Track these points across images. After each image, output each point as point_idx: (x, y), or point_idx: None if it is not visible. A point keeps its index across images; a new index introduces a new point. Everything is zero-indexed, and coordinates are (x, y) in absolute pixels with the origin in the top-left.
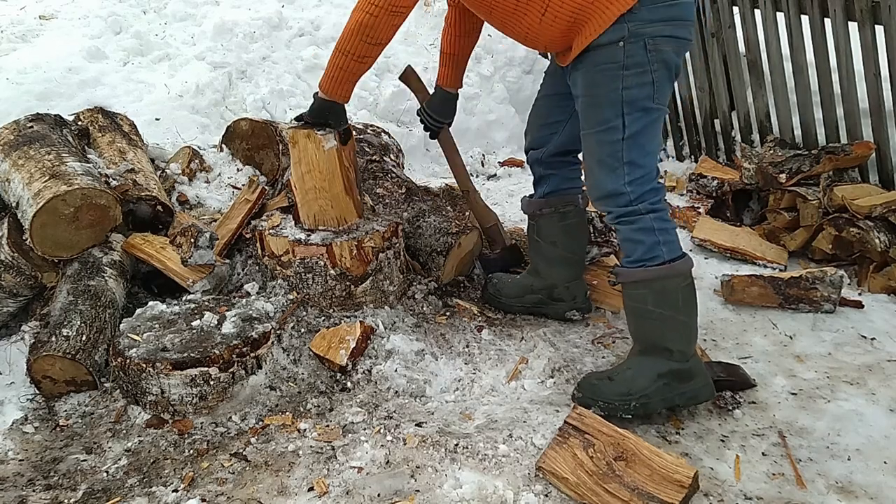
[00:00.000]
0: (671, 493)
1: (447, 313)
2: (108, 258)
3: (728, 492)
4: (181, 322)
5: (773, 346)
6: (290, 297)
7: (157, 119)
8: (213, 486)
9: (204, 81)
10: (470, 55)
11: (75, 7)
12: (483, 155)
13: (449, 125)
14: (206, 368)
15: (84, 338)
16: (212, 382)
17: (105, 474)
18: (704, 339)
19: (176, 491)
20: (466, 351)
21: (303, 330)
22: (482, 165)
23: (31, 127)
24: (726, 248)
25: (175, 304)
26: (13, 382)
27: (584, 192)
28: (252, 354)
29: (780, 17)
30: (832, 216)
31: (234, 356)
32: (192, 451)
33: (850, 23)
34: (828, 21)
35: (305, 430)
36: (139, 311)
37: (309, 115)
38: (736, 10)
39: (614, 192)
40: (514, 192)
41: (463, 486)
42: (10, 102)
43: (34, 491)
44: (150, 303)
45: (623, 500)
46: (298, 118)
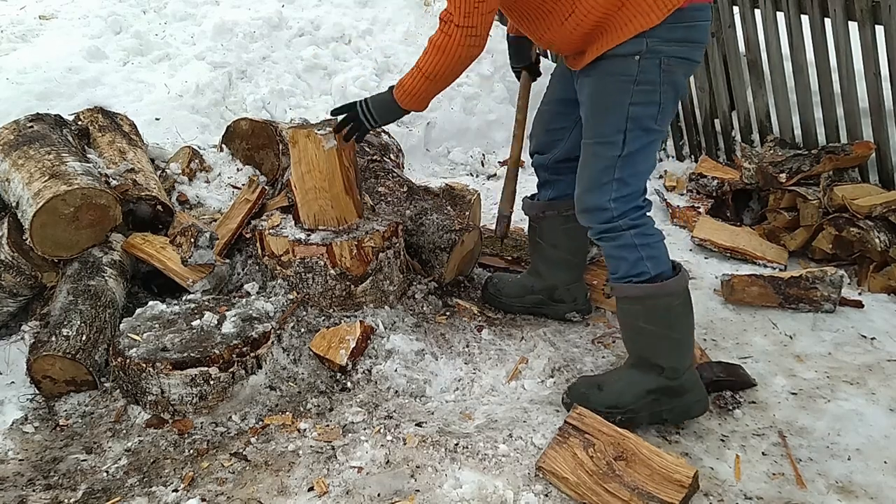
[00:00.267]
0: (671, 493)
1: (447, 313)
2: (108, 258)
3: (728, 492)
4: (181, 322)
5: (773, 346)
6: (290, 297)
7: (157, 119)
8: (213, 485)
9: (204, 81)
10: None
11: (75, 7)
12: (483, 155)
13: (526, 68)
14: (206, 368)
15: (84, 338)
16: (212, 382)
17: (105, 474)
18: (704, 339)
19: (176, 491)
20: (466, 351)
21: (303, 330)
22: (482, 165)
23: (31, 127)
24: (726, 247)
25: (175, 304)
26: (13, 382)
27: None
28: (252, 354)
29: (780, 16)
30: (832, 216)
31: (234, 356)
32: (192, 451)
33: (850, 22)
34: (828, 21)
35: (305, 429)
36: (139, 310)
37: (378, 116)
38: (736, 9)
39: (598, 207)
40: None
41: (463, 485)
42: (10, 102)
43: (34, 491)
44: (150, 303)
45: (623, 499)
46: (340, 110)
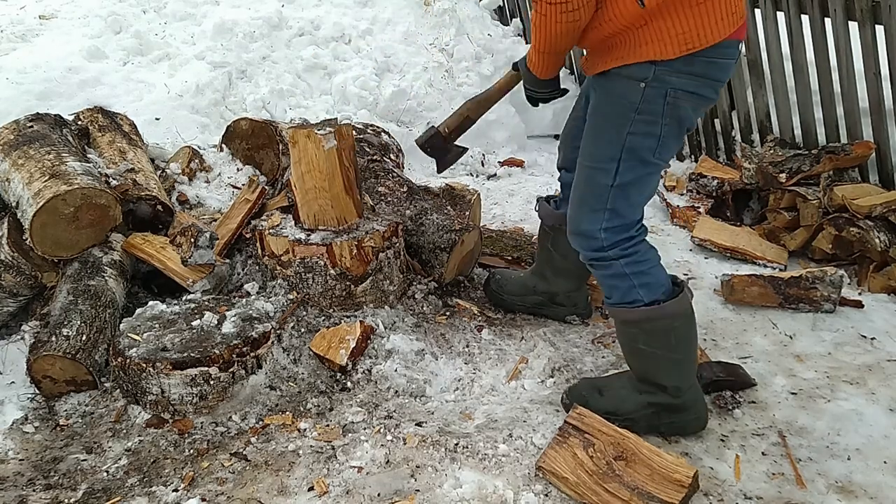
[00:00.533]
0: (671, 493)
1: (447, 313)
2: (108, 258)
3: (728, 491)
4: (181, 322)
5: (773, 346)
6: (290, 297)
7: (157, 119)
8: (213, 485)
9: (204, 81)
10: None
11: (75, 7)
12: (483, 155)
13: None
14: (206, 368)
15: (84, 337)
16: (212, 382)
17: (105, 474)
18: (704, 339)
19: (176, 490)
20: (466, 351)
21: (303, 330)
22: (482, 165)
23: (31, 127)
24: (726, 247)
25: (175, 304)
26: (13, 382)
27: None
28: (252, 354)
29: (780, 16)
30: (832, 216)
31: (234, 356)
32: (192, 451)
33: (850, 22)
34: (828, 20)
35: (305, 429)
36: (139, 310)
37: (533, 87)
38: None
39: (588, 233)
40: (514, 191)
41: (463, 485)
42: (10, 102)
43: (34, 490)
44: (150, 302)
45: (623, 499)
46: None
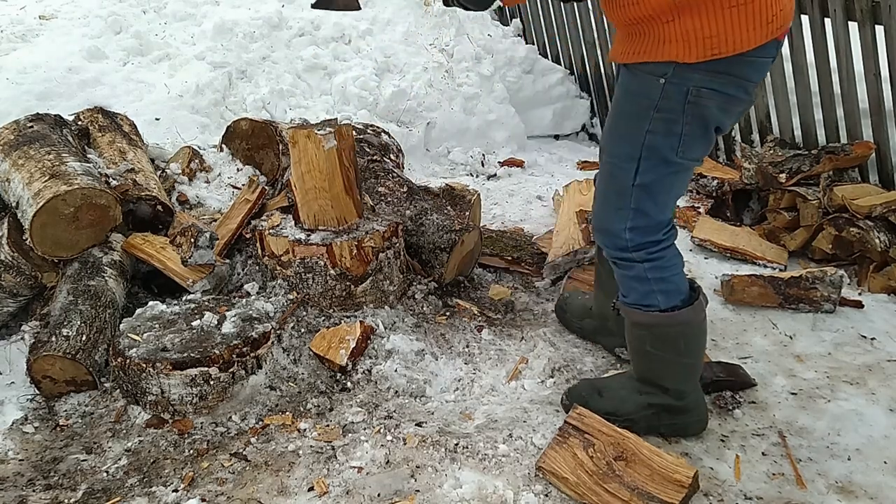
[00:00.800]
0: (671, 493)
1: (447, 313)
2: (108, 258)
3: (728, 492)
4: (181, 322)
5: (773, 346)
6: (290, 297)
7: (157, 119)
8: (213, 485)
9: (204, 81)
10: None
11: (75, 7)
12: (483, 155)
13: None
14: (206, 368)
15: (84, 338)
16: (212, 382)
17: (105, 474)
18: None
19: (176, 491)
20: (466, 351)
21: (303, 330)
22: (482, 165)
23: (31, 127)
24: (726, 247)
25: (175, 304)
26: (13, 382)
27: None
28: (252, 354)
29: None
30: (832, 216)
31: (234, 356)
32: (192, 451)
33: (850, 23)
34: (828, 21)
35: (305, 429)
36: (139, 311)
37: None
38: None
39: (612, 231)
40: (514, 191)
41: (463, 485)
42: (10, 102)
43: (34, 491)
44: (150, 303)
45: (623, 499)
46: None
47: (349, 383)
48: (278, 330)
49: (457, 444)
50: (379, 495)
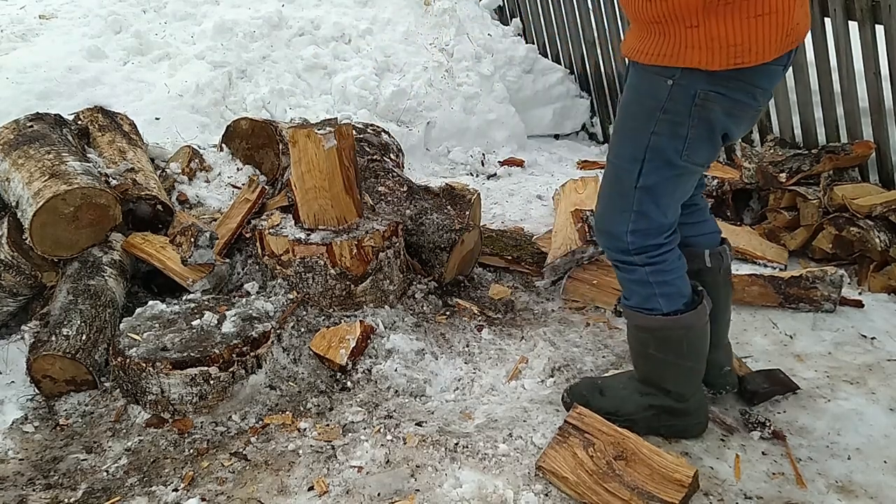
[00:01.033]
0: (671, 493)
1: (447, 313)
2: (108, 257)
3: (728, 491)
4: (181, 321)
5: (773, 346)
6: (290, 297)
7: (157, 118)
8: (213, 485)
9: (204, 81)
10: None
11: (75, 6)
12: (483, 154)
13: None
14: (206, 368)
15: (84, 337)
16: (212, 382)
17: (105, 474)
18: None
19: (176, 490)
20: (466, 350)
21: (303, 329)
22: (482, 165)
23: (31, 126)
24: None
25: (175, 304)
26: (13, 382)
27: (720, 244)
28: (252, 354)
29: None
30: (832, 215)
31: (234, 355)
32: (192, 451)
33: (850, 22)
34: (828, 20)
35: (305, 429)
36: (139, 310)
37: None
38: None
39: (614, 234)
40: (514, 191)
41: (463, 485)
42: (10, 102)
43: (34, 490)
44: (150, 302)
45: (623, 499)
46: None
47: (349, 383)
48: (278, 329)
49: (457, 444)
50: (379, 495)
